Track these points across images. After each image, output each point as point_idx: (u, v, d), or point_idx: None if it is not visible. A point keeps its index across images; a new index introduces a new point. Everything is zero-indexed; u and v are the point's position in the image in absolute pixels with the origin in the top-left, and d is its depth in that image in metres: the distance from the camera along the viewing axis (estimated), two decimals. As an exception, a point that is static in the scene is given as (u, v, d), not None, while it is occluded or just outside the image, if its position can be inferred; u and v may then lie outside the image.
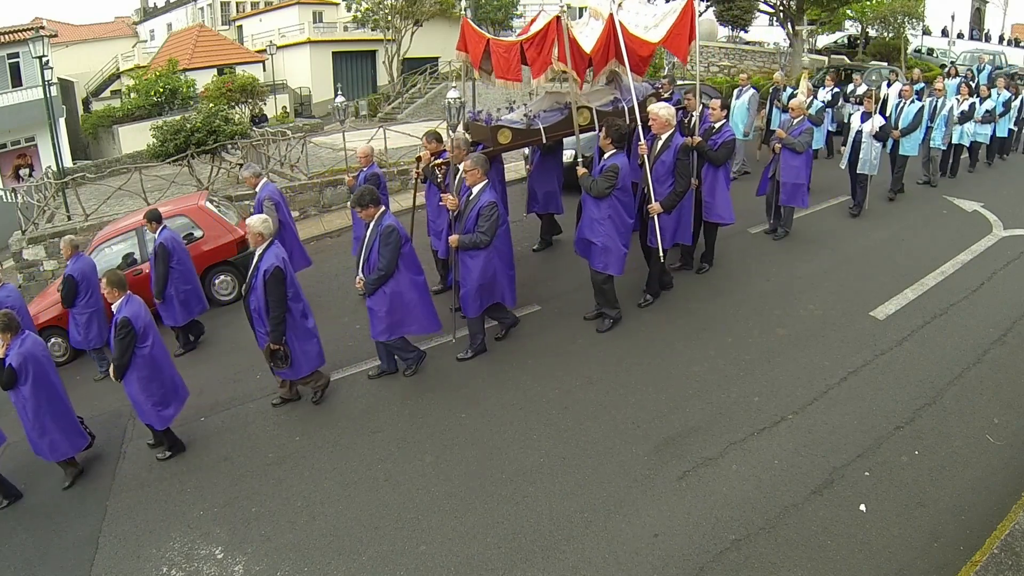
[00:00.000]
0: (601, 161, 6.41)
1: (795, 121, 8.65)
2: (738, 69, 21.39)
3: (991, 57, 21.18)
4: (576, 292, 7.66)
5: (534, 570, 4.16)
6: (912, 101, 10.36)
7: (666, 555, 4.15)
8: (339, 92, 23.68)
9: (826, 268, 7.96)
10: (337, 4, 38.90)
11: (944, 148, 10.98)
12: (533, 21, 7.55)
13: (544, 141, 7.32)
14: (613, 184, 6.15)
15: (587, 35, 7.06)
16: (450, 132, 7.00)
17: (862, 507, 4.40)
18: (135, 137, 25.13)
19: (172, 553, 4.68)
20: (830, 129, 12.79)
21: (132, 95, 29.44)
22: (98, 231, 9.73)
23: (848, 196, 9.95)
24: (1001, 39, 30.12)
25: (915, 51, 24.50)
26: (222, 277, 9.13)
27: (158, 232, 7.47)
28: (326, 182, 12.99)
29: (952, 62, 20.22)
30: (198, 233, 9.08)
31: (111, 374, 5.58)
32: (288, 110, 32.99)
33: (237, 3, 43.36)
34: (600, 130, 6.55)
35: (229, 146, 15.63)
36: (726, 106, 7.67)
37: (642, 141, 6.66)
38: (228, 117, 16.34)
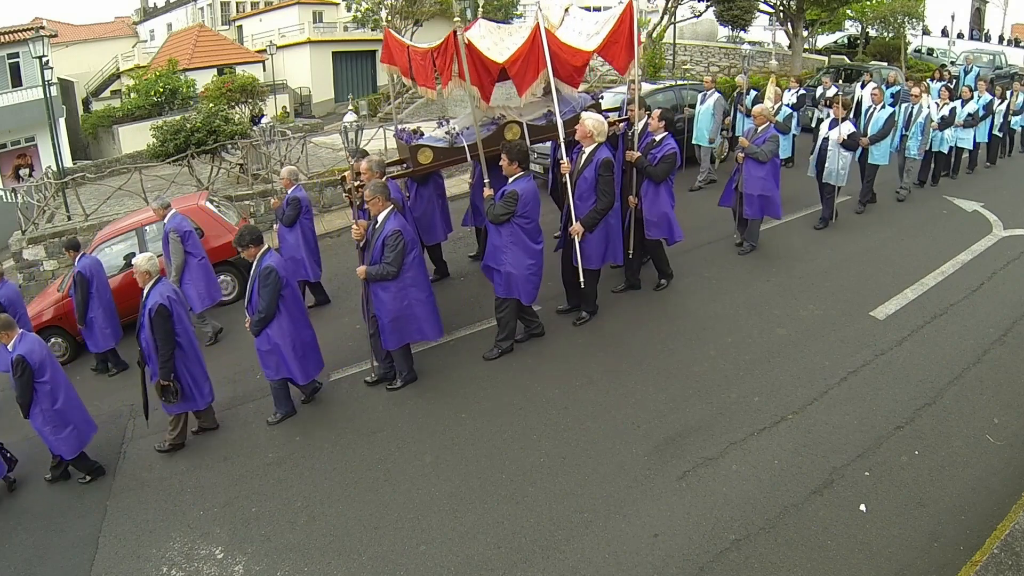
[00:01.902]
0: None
1: (759, 129, 8.07)
2: (740, 71, 21.26)
3: (990, 58, 21.15)
4: (576, 292, 7.67)
5: (534, 570, 4.16)
6: (883, 106, 9.62)
7: (666, 555, 4.16)
8: (263, 113, 18.01)
9: (826, 268, 7.96)
10: (337, 4, 38.89)
11: (920, 157, 10.20)
12: (468, 28, 7.21)
13: (468, 159, 6.95)
14: (511, 211, 5.85)
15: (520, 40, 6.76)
16: (348, 157, 6.62)
17: (862, 507, 4.40)
18: (135, 137, 25.11)
19: (172, 553, 4.68)
20: (795, 133, 12.02)
21: (132, 95, 29.42)
22: (98, 231, 9.73)
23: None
24: (1001, 39, 30.14)
25: (915, 51, 24.51)
26: (222, 277, 9.12)
27: (76, 260, 7.36)
28: (326, 182, 13.01)
29: (952, 62, 20.22)
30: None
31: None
32: (288, 110, 32.98)
33: (237, 3, 43.37)
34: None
35: (229, 146, 15.61)
36: (667, 119, 7.16)
37: (564, 160, 6.34)
38: (228, 117, 16.31)
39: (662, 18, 21.79)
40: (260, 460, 5.54)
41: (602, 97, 8.15)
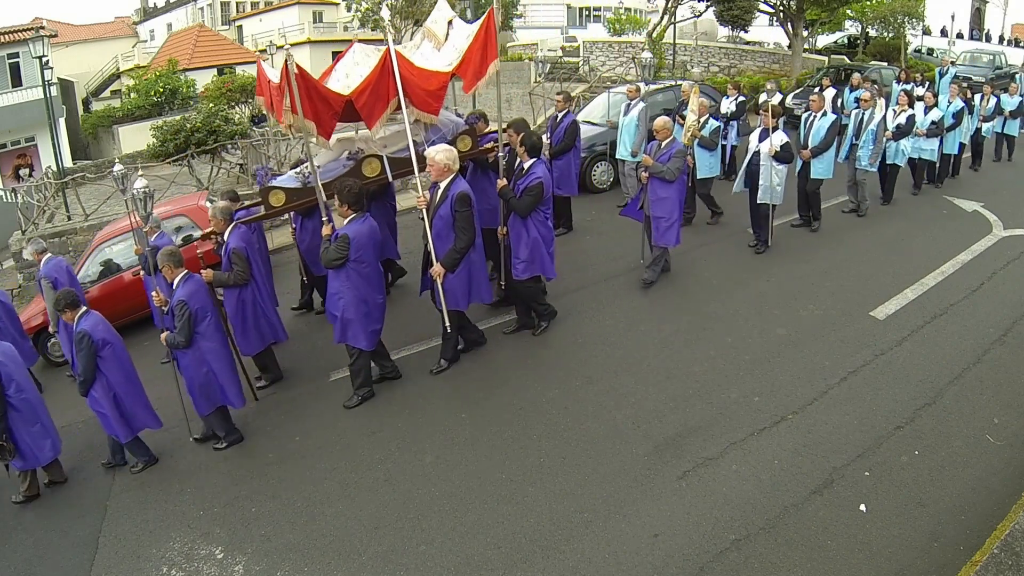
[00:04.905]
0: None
1: (663, 144, 7.20)
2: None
3: (990, 58, 21.09)
4: (576, 292, 7.67)
5: (534, 570, 4.16)
6: (824, 113, 8.74)
7: (666, 555, 4.16)
8: (116, 159, 13.80)
9: (826, 268, 7.96)
10: (337, 4, 38.96)
11: (872, 169, 9.28)
12: (341, 56, 6.91)
13: (325, 199, 6.32)
14: (343, 256, 5.51)
15: (418, 59, 6.44)
16: (136, 222, 6.07)
17: (862, 507, 4.40)
18: (135, 137, 25.13)
19: (172, 553, 4.68)
20: (734, 144, 11.04)
21: (132, 95, 29.48)
22: (98, 231, 9.74)
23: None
24: (1001, 39, 30.14)
25: (915, 51, 24.51)
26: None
27: None
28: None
29: (953, 62, 20.15)
30: (198, 233, 9.06)
31: None
32: (288, 110, 32.94)
33: (237, 3, 43.43)
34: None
35: (229, 146, 15.62)
36: (532, 145, 6.25)
37: (420, 193, 5.96)
38: (228, 117, 16.33)
39: (662, 18, 21.79)
40: (260, 460, 5.54)
41: (476, 120, 7.17)
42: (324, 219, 6.02)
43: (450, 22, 6.77)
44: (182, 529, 4.89)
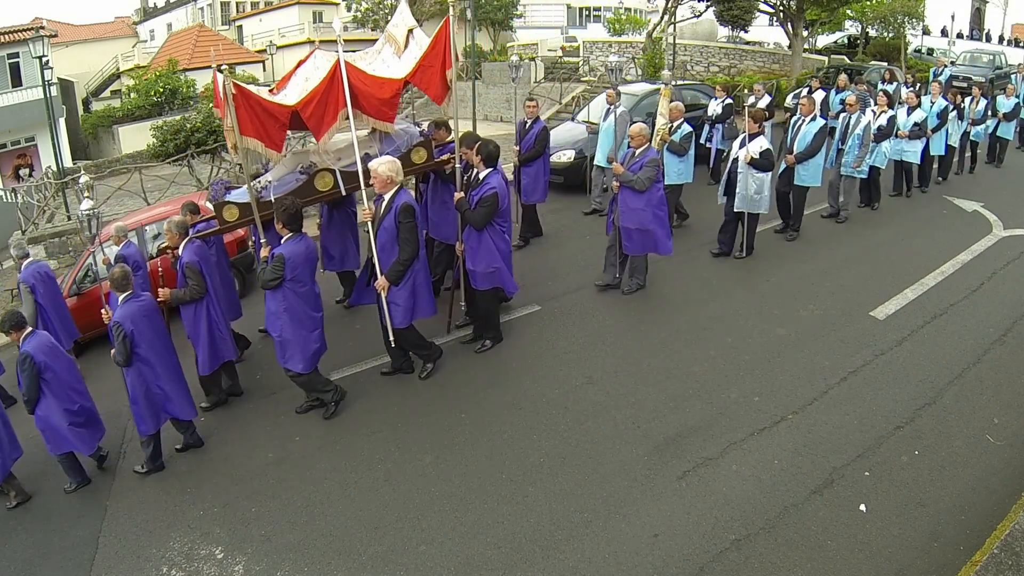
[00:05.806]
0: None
1: (637, 152, 6.99)
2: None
3: (990, 58, 21.09)
4: (576, 292, 7.67)
5: (534, 570, 4.16)
6: (813, 118, 8.41)
7: (666, 555, 4.16)
8: (82, 171, 12.78)
9: (826, 268, 7.96)
10: (337, 4, 38.93)
11: (859, 175, 9.18)
12: (303, 61, 6.75)
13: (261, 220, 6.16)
14: (278, 277, 5.41)
15: (377, 67, 6.33)
16: (87, 240, 5.76)
17: (862, 507, 4.41)
18: (135, 137, 25.12)
19: (172, 553, 4.67)
20: (720, 147, 10.84)
21: (132, 95, 29.46)
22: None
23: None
24: (1001, 39, 30.14)
25: (915, 51, 24.51)
26: (222, 277, 9.10)
27: None
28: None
29: (952, 62, 20.16)
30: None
31: None
32: (288, 110, 32.92)
33: (237, 3, 43.42)
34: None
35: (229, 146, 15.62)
36: (491, 159, 6.11)
37: (366, 206, 5.84)
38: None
39: (662, 18, 21.80)
40: (260, 460, 5.54)
41: (431, 133, 6.97)
42: (263, 240, 5.92)
43: (411, 31, 6.67)
44: (182, 529, 4.89)
